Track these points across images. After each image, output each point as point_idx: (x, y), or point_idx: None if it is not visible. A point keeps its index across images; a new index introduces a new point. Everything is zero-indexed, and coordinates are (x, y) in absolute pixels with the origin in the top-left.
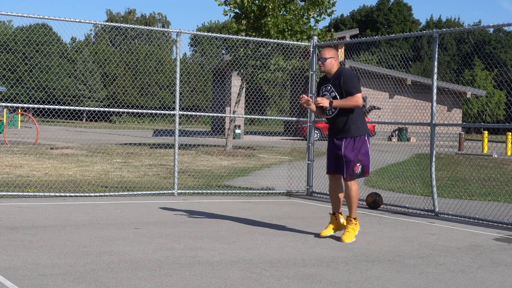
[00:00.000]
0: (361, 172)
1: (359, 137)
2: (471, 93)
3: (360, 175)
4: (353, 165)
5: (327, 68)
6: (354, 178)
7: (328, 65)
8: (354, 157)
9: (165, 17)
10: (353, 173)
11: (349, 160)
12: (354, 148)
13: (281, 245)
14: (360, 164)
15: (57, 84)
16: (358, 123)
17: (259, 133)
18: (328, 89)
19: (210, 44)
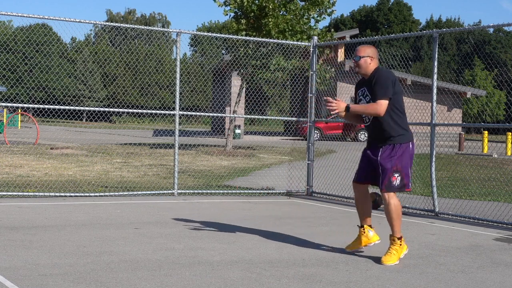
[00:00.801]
0: (399, 185)
1: (400, 145)
2: (471, 93)
3: (399, 188)
4: (390, 174)
5: (362, 69)
6: (391, 190)
7: (362, 64)
8: (391, 165)
9: (165, 17)
10: (390, 184)
11: (385, 168)
12: (391, 156)
13: (281, 245)
14: (399, 175)
15: (57, 84)
16: (400, 129)
17: (259, 133)
18: (364, 93)
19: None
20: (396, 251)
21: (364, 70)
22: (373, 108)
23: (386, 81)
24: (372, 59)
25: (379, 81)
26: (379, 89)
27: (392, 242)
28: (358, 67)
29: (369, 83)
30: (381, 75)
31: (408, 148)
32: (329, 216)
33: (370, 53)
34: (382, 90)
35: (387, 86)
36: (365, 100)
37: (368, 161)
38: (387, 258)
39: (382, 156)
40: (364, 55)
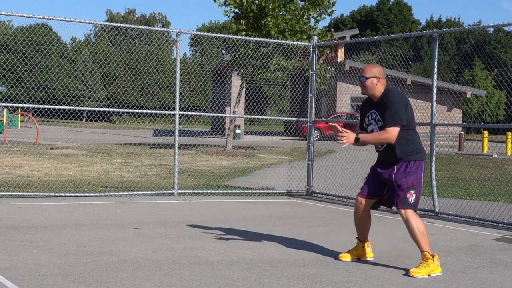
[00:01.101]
0: (415, 202)
1: (414, 162)
2: (471, 93)
3: (413, 206)
4: (406, 191)
5: (368, 90)
6: (409, 207)
7: (368, 85)
8: (406, 182)
9: (165, 17)
10: (406, 201)
11: (401, 185)
12: (406, 173)
13: (281, 245)
14: (414, 192)
15: (57, 84)
16: (414, 147)
17: (259, 133)
18: (374, 117)
19: (210, 44)
20: (428, 265)
21: (371, 91)
22: (384, 138)
23: (399, 107)
24: (379, 80)
25: (391, 107)
26: (390, 116)
27: (424, 257)
28: (364, 88)
29: (380, 107)
30: (393, 101)
31: (421, 165)
32: (329, 216)
33: (376, 73)
34: (394, 117)
35: (399, 113)
36: (376, 126)
37: (377, 178)
38: (415, 270)
39: (397, 173)
40: (370, 76)
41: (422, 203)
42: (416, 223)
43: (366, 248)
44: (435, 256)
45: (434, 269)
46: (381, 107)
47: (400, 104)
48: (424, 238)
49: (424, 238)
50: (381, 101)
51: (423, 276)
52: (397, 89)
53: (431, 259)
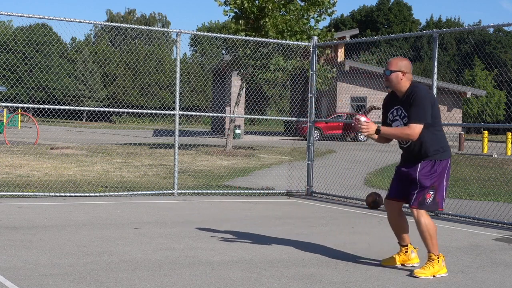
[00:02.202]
0: (432, 203)
1: (440, 162)
2: (471, 93)
3: (431, 207)
4: (426, 191)
5: (392, 84)
6: (423, 208)
7: (393, 79)
8: (430, 183)
9: (165, 17)
10: (423, 201)
11: (423, 185)
12: (431, 173)
13: (281, 245)
14: (433, 193)
15: (57, 84)
16: (440, 145)
17: (259, 133)
18: (400, 113)
19: (210, 44)
20: (432, 266)
21: (395, 85)
22: (406, 134)
23: (425, 103)
24: (404, 74)
25: (417, 104)
26: (415, 113)
27: (429, 258)
28: (388, 81)
29: (406, 103)
30: (420, 97)
31: (447, 165)
32: (329, 216)
33: (402, 67)
34: (419, 114)
35: (424, 110)
36: (402, 122)
37: (401, 177)
38: (420, 271)
39: (421, 172)
40: (396, 69)
41: None
42: (427, 224)
43: (410, 253)
44: (440, 257)
45: (439, 270)
46: (407, 103)
47: (426, 100)
48: (433, 241)
49: (433, 241)
50: (407, 97)
51: (428, 277)
52: (424, 86)
53: (436, 260)
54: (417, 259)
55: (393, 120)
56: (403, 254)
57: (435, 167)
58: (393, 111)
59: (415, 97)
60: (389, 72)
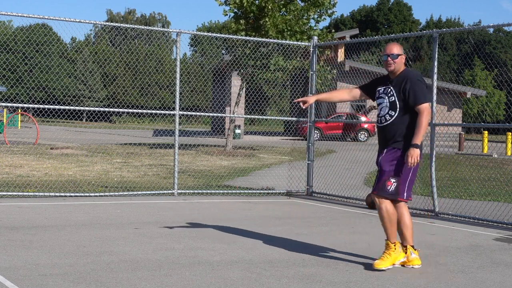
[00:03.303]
0: (394, 192)
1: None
2: (471, 93)
3: (393, 195)
4: (385, 178)
5: (397, 68)
6: (383, 194)
7: (398, 63)
8: (389, 169)
9: (165, 17)
10: (383, 188)
11: (383, 171)
12: (393, 160)
13: (281, 245)
14: (395, 182)
15: (57, 84)
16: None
17: (259, 133)
18: (388, 92)
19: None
20: (389, 255)
21: (398, 68)
22: (425, 119)
23: (423, 85)
24: (403, 58)
25: (417, 85)
26: (419, 94)
27: (386, 246)
28: (394, 64)
29: (398, 83)
30: (417, 79)
31: None
32: (329, 216)
33: (402, 52)
34: (422, 95)
35: (424, 90)
36: (388, 99)
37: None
38: (378, 262)
39: (384, 157)
40: (400, 53)
41: (422, 203)
42: (387, 212)
43: (410, 254)
44: (397, 244)
45: (397, 257)
46: (399, 84)
47: (423, 83)
48: (392, 228)
49: (392, 228)
50: (401, 79)
51: (388, 267)
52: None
53: (393, 248)
54: (418, 260)
55: (378, 97)
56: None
57: (398, 154)
58: (380, 89)
59: (412, 80)
60: (395, 56)
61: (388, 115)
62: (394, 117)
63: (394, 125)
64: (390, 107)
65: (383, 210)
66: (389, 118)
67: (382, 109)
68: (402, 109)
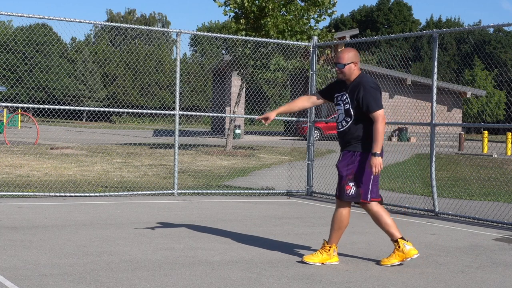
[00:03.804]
0: (354, 195)
1: (361, 153)
2: (471, 93)
3: (354, 198)
4: (344, 183)
5: (346, 76)
6: (343, 198)
7: (346, 72)
8: (346, 173)
9: (165, 17)
10: (343, 192)
11: (340, 175)
12: (349, 164)
13: (281, 245)
14: (354, 185)
15: (57, 84)
16: (367, 138)
17: (259, 133)
18: (344, 99)
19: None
20: (321, 253)
21: (349, 76)
22: (380, 126)
23: (377, 91)
24: (355, 65)
25: (370, 93)
26: (373, 102)
27: (322, 245)
28: (342, 74)
29: (352, 90)
30: (370, 87)
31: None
32: (329, 216)
33: (354, 58)
34: (377, 102)
35: (378, 97)
36: (343, 107)
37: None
38: (309, 256)
39: (341, 162)
40: (348, 62)
41: (422, 203)
42: (342, 216)
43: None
44: (333, 247)
45: (328, 259)
46: (353, 91)
47: (378, 90)
48: (337, 232)
49: (337, 232)
50: (355, 85)
51: (316, 263)
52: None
53: (327, 249)
54: (415, 250)
55: (336, 103)
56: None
57: (354, 158)
58: (338, 96)
59: (365, 86)
60: (342, 66)
61: (344, 121)
62: (350, 123)
63: (350, 131)
64: (346, 114)
65: (337, 214)
66: (345, 124)
67: (339, 115)
68: (357, 116)
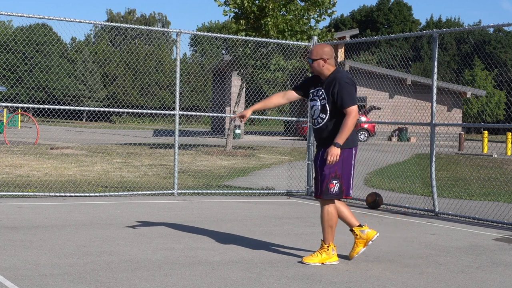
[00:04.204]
0: (338, 192)
1: (343, 150)
2: (471, 93)
3: (337, 196)
4: (327, 181)
5: (316, 71)
6: (328, 197)
7: (315, 67)
8: (329, 171)
9: (165, 17)
10: (327, 190)
11: (323, 173)
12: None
13: (281, 245)
14: (337, 182)
15: (57, 84)
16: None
17: (259, 133)
18: (320, 94)
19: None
20: (320, 253)
21: (318, 72)
22: (350, 121)
23: (351, 87)
24: (325, 61)
25: (344, 88)
26: (346, 97)
27: (321, 246)
28: (312, 68)
29: (327, 86)
30: (345, 83)
31: (350, 154)
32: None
33: (323, 55)
34: (351, 97)
35: (353, 92)
36: (319, 103)
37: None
38: (308, 258)
39: (321, 160)
40: (316, 58)
41: (422, 203)
42: (328, 215)
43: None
44: (331, 246)
45: (328, 258)
46: (328, 87)
47: (352, 86)
48: (330, 230)
49: (330, 230)
50: (330, 81)
51: (315, 263)
52: (345, 71)
53: (325, 249)
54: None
55: (312, 99)
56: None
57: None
58: (313, 91)
59: (340, 82)
60: (311, 61)
61: (320, 118)
62: (326, 119)
63: (327, 127)
64: (321, 110)
65: (325, 213)
66: (321, 121)
67: (315, 111)
68: (332, 111)
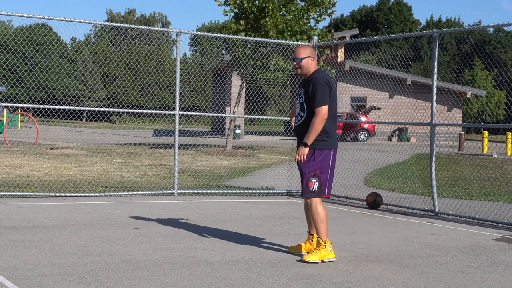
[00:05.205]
0: (317, 191)
1: (321, 151)
2: (471, 93)
3: (317, 194)
4: (306, 179)
5: (303, 70)
6: (308, 195)
7: (304, 66)
8: (308, 170)
9: (165, 17)
10: (307, 189)
11: (303, 173)
12: (310, 160)
13: (281, 245)
14: (317, 181)
15: (57, 84)
16: (325, 135)
17: (259, 133)
18: (300, 93)
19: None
20: (319, 251)
21: (306, 71)
22: (317, 121)
23: (324, 87)
24: (312, 60)
25: (317, 88)
26: (318, 97)
27: (317, 243)
28: (300, 68)
29: (307, 85)
30: (319, 82)
31: (328, 155)
32: (329, 216)
33: (310, 53)
34: (323, 97)
35: (324, 93)
36: (299, 101)
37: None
38: (308, 256)
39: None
40: (305, 56)
41: (422, 203)
42: (318, 210)
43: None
44: (327, 242)
45: (326, 255)
46: (307, 86)
47: (325, 86)
48: (323, 226)
49: (323, 226)
50: (309, 80)
51: (316, 261)
52: (325, 72)
53: (323, 245)
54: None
55: (296, 98)
56: (309, 242)
57: (314, 155)
58: (298, 90)
59: (315, 81)
60: (299, 60)
61: (299, 116)
62: (304, 117)
63: (305, 125)
64: (300, 108)
65: (314, 210)
66: (300, 118)
67: (297, 109)
68: (310, 110)
